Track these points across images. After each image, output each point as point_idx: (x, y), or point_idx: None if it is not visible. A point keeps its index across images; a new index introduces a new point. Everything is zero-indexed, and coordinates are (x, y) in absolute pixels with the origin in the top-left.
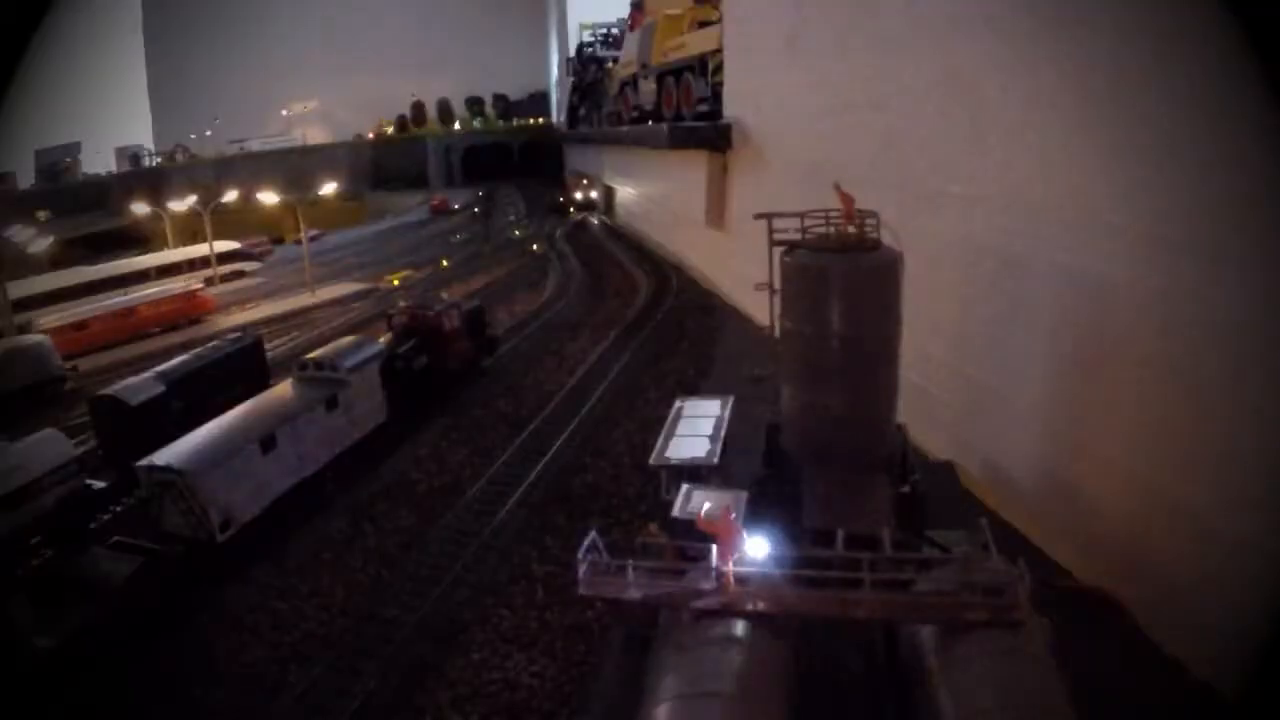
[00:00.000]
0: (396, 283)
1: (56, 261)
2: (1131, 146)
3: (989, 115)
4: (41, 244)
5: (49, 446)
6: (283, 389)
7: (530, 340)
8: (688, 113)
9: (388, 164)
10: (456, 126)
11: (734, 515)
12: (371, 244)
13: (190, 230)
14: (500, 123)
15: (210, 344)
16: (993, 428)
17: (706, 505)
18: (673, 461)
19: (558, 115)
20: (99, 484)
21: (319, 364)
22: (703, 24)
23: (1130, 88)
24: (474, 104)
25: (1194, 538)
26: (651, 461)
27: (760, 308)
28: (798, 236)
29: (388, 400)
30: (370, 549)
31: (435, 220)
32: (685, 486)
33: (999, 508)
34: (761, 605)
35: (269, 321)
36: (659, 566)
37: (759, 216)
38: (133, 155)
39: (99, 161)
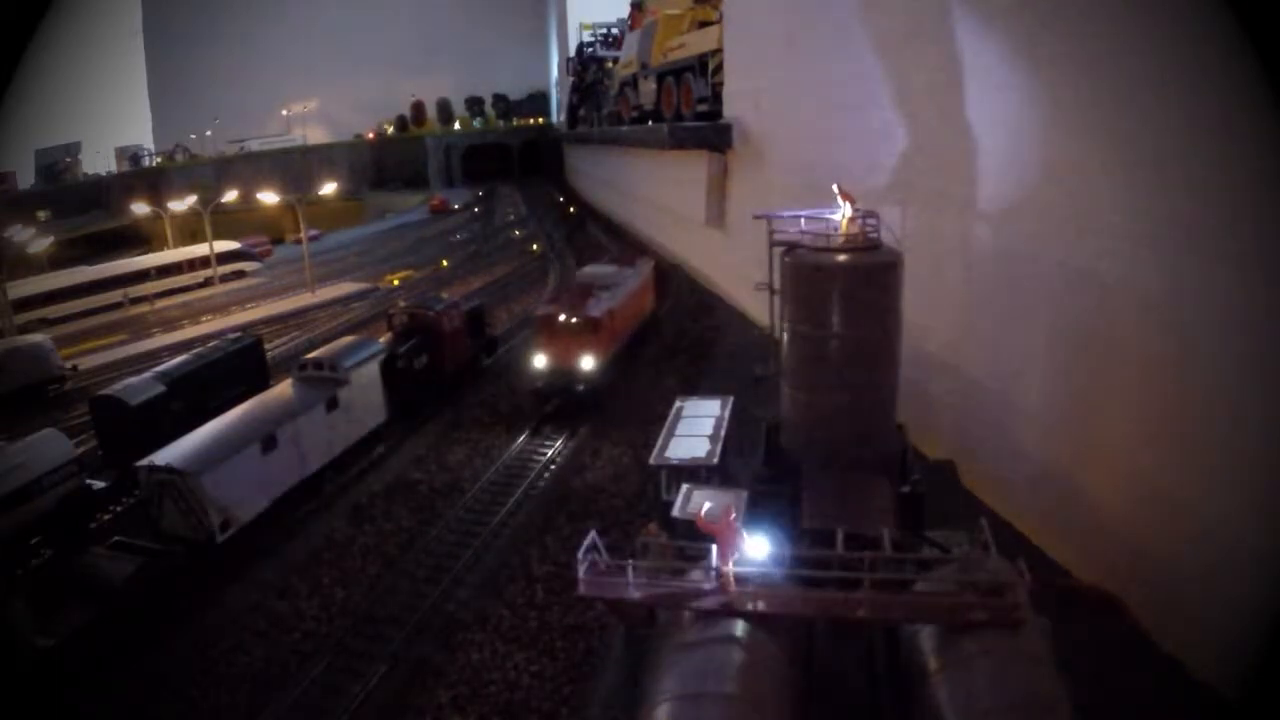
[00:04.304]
0: (396, 283)
1: (56, 261)
2: (1132, 146)
3: (989, 115)
4: (41, 244)
5: (49, 446)
6: (283, 389)
7: (530, 340)
8: (688, 113)
9: (387, 164)
10: (456, 126)
11: (734, 515)
12: (371, 244)
13: (190, 230)
14: (500, 123)
15: (210, 344)
16: (993, 428)
17: (706, 505)
18: (673, 461)
19: (558, 115)
20: (99, 484)
21: (319, 364)
22: (703, 24)
23: (1130, 87)
24: (474, 104)
25: (1194, 538)
26: (651, 461)
27: (761, 308)
28: (798, 236)
29: (388, 400)
30: (370, 549)
31: (435, 220)
32: (685, 486)
33: (999, 507)
34: (761, 605)
35: (269, 321)
36: (659, 566)
37: (759, 216)
38: (133, 155)
39: (99, 161)
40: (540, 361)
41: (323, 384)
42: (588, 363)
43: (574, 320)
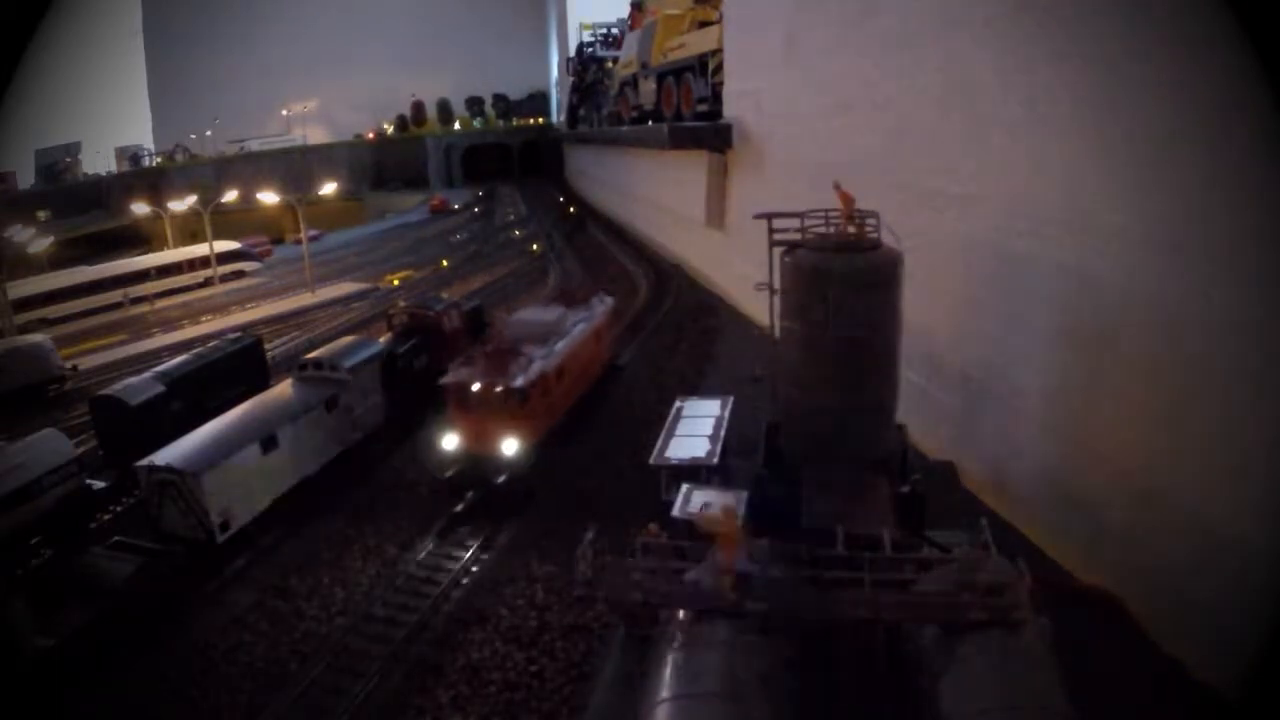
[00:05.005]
0: (396, 283)
1: (56, 261)
2: (1131, 146)
3: (989, 115)
4: (41, 244)
5: (49, 446)
6: (283, 389)
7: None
8: (688, 113)
9: (388, 164)
10: (456, 126)
11: (734, 515)
12: (371, 244)
13: (190, 230)
14: (500, 123)
15: (210, 344)
16: (993, 428)
17: (706, 505)
18: (672, 461)
19: (558, 115)
20: (99, 484)
21: (319, 364)
22: (703, 24)
23: (1129, 88)
24: (474, 104)
25: (1194, 538)
26: (651, 461)
27: (761, 308)
28: (798, 236)
29: (388, 400)
30: (370, 549)
31: (435, 220)
32: (685, 486)
33: (999, 508)
34: (761, 605)
35: (269, 321)
36: (659, 566)
37: (759, 216)
38: (133, 155)
39: (99, 161)
40: (450, 443)
41: (323, 384)
42: (510, 447)
43: (494, 391)
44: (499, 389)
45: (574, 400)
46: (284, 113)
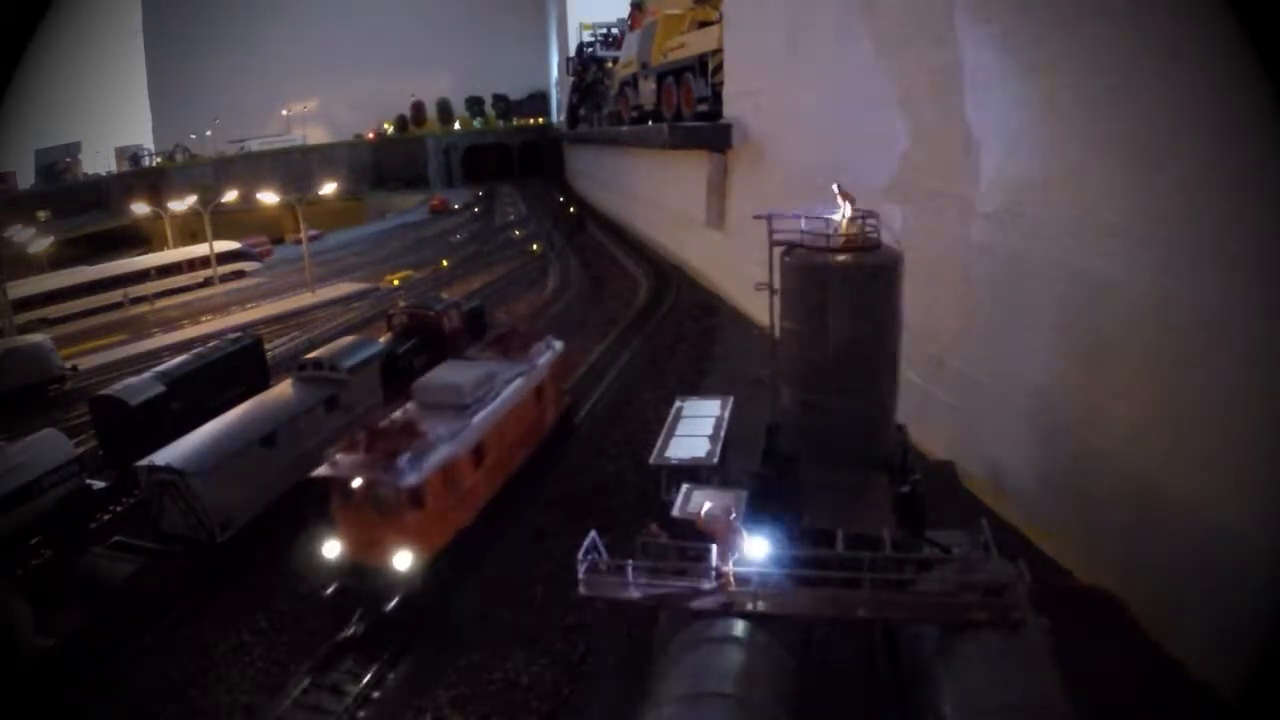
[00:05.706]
0: (397, 283)
1: (56, 261)
2: (1131, 147)
3: (989, 115)
4: (41, 244)
5: (49, 446)
6: (283, 389)
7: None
8: (688, 113)
9: (387, 164)
10: (456, 126)
11: (734, 515)
12: (371, 244)
13: (190, 230)
14: (500, 123)
15: (210, 344)
16: (993, 428)
17: (706, 505)
18: (672, 461)
19: (558, 115)
20: (99, 484)
21: (319, 364)
22: (703, 24)
23: (1130, 88)
24: (474, 104)
25: (1194, 537)
26: (651, 461)
27: (761, 308)
28: (798, 236)
29: (388, 400)
30: None
31: (435, 220)
32: (685, 486)
33: (998, 507)
34: (761, 605)
35: (269, 321)
36: (659, 566)
37: (759, 216)
38: (133, 155)
39: (99, 161)
40: (331, 550)
41: (323, 384)
42: (403, 560)
43: (380, 491)
44: (383, 489)
45: (504, 480)
46: (284, 113)
